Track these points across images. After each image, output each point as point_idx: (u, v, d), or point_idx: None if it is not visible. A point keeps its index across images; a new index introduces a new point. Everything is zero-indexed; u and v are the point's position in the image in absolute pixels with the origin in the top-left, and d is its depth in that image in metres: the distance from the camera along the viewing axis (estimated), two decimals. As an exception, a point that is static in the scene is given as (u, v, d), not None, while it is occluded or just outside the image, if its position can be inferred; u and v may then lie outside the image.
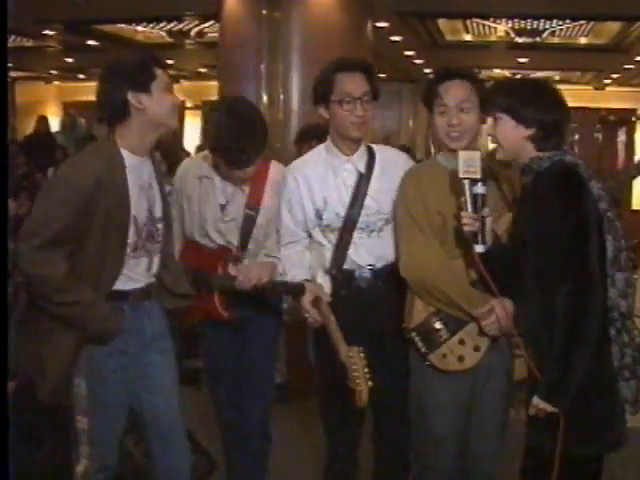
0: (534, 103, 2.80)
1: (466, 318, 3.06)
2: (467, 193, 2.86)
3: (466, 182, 2.86)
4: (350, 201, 3.29)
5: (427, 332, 3.10)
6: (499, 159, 2.93)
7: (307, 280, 3.34)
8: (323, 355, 3.39)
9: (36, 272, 2.88)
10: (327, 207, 3.31)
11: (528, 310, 2.84)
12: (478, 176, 2.84)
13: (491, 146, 3.01)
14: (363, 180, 3.32)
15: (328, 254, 3.36)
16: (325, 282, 3.33)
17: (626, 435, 2.80)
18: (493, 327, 3.00)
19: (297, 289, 3.25)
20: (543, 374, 2.73)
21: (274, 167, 3.55)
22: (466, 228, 2.86)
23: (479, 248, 2.86)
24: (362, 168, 3.33)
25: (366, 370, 2.85)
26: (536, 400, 2.73)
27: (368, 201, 3.29)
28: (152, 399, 3.17)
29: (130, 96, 2.93)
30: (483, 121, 3.15)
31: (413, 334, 3.12)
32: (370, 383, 2.82)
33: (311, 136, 4.80)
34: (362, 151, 3.36)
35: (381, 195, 3.29)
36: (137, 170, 3.02)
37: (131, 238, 2.99)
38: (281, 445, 3.83)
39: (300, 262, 3.41)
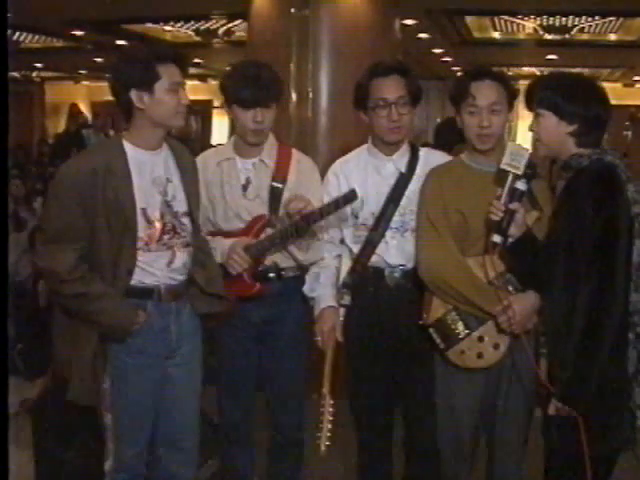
0: (577, 99, 2.80)
1: (484, 316, 3.06)
2: (507, 185, 2.88)
3: (510, 175, 2.86)
4: (386, 199, 3.30)
5: (444, 328, 3.13)
6: (541, 156, 2.93)
7: (331, 306, 3.41)
8: (352, 346, 3.41)
9: (43, 265, 2.99)
10: (364, 207, 3.33)
11: (552, 309, 2.83)
12: (519, 172, 2.86)
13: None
14: (403, 180, 3.32)
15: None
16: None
17: (634, 437, 2.80)
18: (510, 324, 2.99)
19: (349, 197, 3.19)
20: (559, 375, 2.73)
21: (296, 151, 3.57)
22: (490, 216, 2.89)
23: (496, 238, 2.88)
24: (403, 168, 3.34)
25: (330, 418, 3.20)
26: (555, 402, 2.73)
27: (404, 201, 3.29)
28: (169, 408, 3.18)
29: (133, 95, 2.95)
30: (510, 121, 3.16)
31: (431, 330, 3.14)
32: (329, 434, 3.19)
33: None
34: (404, 150, 3.37)
35: (418, 195, 3.28)
36: (146, 164, 3.04)
37: (142, 232, 3.00)
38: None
39: (328, 284, 3.46)
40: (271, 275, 3.44)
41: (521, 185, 2.87)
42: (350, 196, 3.18)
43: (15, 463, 3.89)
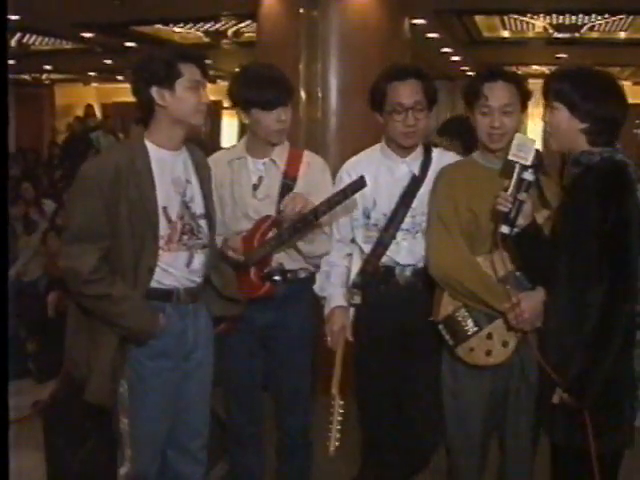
0: (591, 97, 2.78)
1: (494, 313, 3.06)
2: (514, 176, 2.88)
3: (517, 165, 2.86)
4: (398, 201, 3.30)
5: (454, 325, 3.13)
6: (552, 149, 2.93)
7: (341, 306, 3.43)
8: (361, 345, 3.41)
9: (65, 265, 2.96)
10: (376, 207, 3.34)
11: (557, 304, 2.83)
12: (527, 162, 2.86)
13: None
14: (416, 182, 3.33)
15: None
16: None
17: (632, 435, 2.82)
18: (519, 321, 2.98)
19: (357, 185, 3.20)
20: (565, 370, 2.74)
21: (308, 152, 3.59)
22: (498, 207, 2.89)
23: (504, 229, 2.88)
24: (416, 170, 3.34)
25: (340, 419, 3.23)
26: (559, 392, 2.75)
27: (416, 203, 3.30)
28: (181, 411, 3.17)
29: (154, 92, 2.97)
30: (522, 122, 3.16)
31: (440, 327, 3.15)
32: (338, 435, 3.21)
33: (444, 131, 4.82)
34: (418, 152, 3.38)
35: (429, 197, 3.28)
36: (167, 163, 3.05)
37: (163, 231, 3.00)
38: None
39: (338, 283, 3.47)
40: (277, 277, 3.44)
41: (528, 175, 2.87)
42: (358, 183, 3.18)
43: (26, 465, 3.92)
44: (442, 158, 3.41)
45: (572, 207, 2.77)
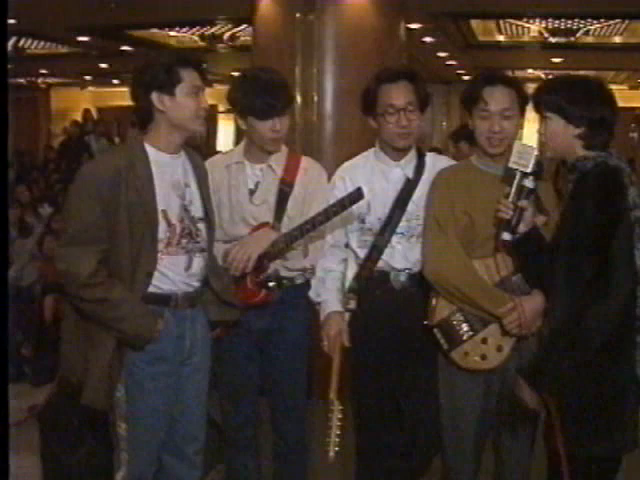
0: (583, 101, 2.80)
1: (489, 318, 3.07)
2: (515, 183, 2.89)
3: (517, 173, 2.88)
4: (393, 205, 3.30)
5: (449, 329, 3.13)
6: (548, 158, 2.94)
7: (337, 311, 3.41)
8: (358, 350, 3.41)
9: (63, 268, 2.94)
10: (370, 212, 3.34)
11: (555, 309, 2.83)
12: (527, 170, 2.88)
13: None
14: (410, 186, 3.33)
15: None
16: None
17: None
18: (515, 326, 3.00)
19: (355, 196, 3.19)
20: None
21: (306, 158, 3.58)
22: (499, 214, 2.90)
23: (506, 235, 2.89)
24: (410, 174, 3.34)
25: (339, 424, 3.19)
26: (521, 380, 2.78)
27: (411, 206, 3.30)
28: (177, 415, 3.16)
29: (154, 97, 2.97)
30: (521, 126, 3.16)
31: (435, 331, 3.15)
32: (338, 440, 3.16)
33: (460, 137, 4.81)
34: (411, 156, 3.38)
35: (424, 201, 3.29)
36: (167, 167, 3.05)
37: (162, 234, 2.99)
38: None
39: (334, 289, 3.46)
40: (272, 284, 3.43)
41: (529, 183, 2.89)
42: (356, 195, 3.18)
43: (22, 468, 3.91)
44: (436, 162, 3.41)
45: (571, 213, 2.78)
